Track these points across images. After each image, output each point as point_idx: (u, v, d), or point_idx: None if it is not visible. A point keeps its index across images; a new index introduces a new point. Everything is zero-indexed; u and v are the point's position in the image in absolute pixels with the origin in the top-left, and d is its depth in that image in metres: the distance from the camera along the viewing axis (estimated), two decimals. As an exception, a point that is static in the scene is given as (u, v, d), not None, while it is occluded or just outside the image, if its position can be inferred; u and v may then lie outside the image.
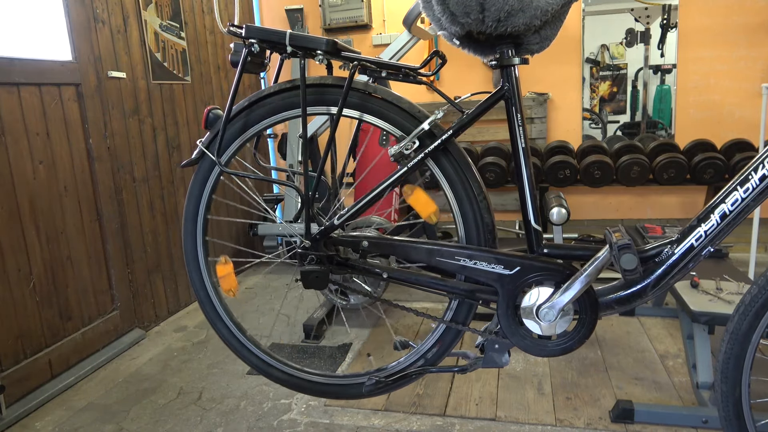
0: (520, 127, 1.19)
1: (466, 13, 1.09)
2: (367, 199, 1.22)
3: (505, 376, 2.38)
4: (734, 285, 2.23)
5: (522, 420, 2.06)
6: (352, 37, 4.49)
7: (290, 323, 3.01)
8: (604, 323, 2.87)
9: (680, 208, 4.18)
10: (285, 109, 1.26)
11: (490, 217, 1.21)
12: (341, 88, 1.19)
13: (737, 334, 1.22)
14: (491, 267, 1.15)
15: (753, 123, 3.85)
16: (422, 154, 1.17)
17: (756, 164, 1.08)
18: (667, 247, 1.14)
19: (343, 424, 2.08)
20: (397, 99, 1.21)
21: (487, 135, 4.34)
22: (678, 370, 2.37)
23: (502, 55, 1.18)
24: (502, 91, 1.19)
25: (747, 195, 1.07)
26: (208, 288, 1.40)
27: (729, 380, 1.25)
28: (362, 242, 1.21)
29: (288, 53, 1.19)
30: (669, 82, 4.12)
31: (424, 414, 2.13)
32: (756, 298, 1.19)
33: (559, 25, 1.18)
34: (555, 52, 4.14)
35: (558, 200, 2.52)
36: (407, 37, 2.85)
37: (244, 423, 2.13)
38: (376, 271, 1.21)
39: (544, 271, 1.16)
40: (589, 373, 2.37)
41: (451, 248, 1.18)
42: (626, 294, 1.16)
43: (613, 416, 2.03)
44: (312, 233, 1.23)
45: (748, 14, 3.85)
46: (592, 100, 4.28)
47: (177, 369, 2.59)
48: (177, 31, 3.37)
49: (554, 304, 1.14)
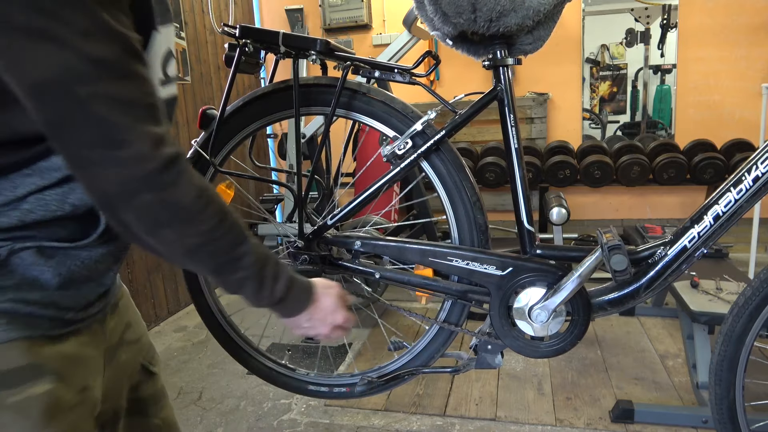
0: (513, 127, 1.18)
1: (458, 13, 1.08)
2: (360, 199, 1.22)
3: (505, 376, 2.38)
4: (734, 285, 2.22)
5: (522, 420, 2.06)
6: (352, 37, 4.49)
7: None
8: (604, 323, 2.86)
9: (680, 208, 4.16)
10: (279, 109, 1.26)
11: (483, 218, 1.21)
12: (335, 88, 1.19)
13: (731, 335, 1.21)
14: (484, 268, 1.15)
15: (753, 123, 3.83)
16: (415, 155, 1.17)
17: (749, 165, 1.07)
18: (660, 249, 1.13)
19: (343, 424, 2.09)
20: (390, 99, 1.21)
21: (486, 135, 4.33)
22: (678, 370, 2.36)
23: (495, 55, 1.17)
24: (495, 91, 1.19)
25: (740, 196, 1.07)
26: (205, 292, 1.40)
27: (723, 382, 1.25)
28: (355, 242, 1.22)
29: (281, 53, 1.19)
30: (669, 82, 4.11)
31: (424, 414, 2.13)
32: (750, 300, 1.19)
33: (552, 26, 1.18)
34: (555, 52, 4.14)
35: (558, 200, 2.51)
36: (407, 37, 2.85)
37: (244, 423, 2.13)
38: (368, 271, 1.22)
39: (536, 272, 1.15)
40: (589, 373, 2.37)
41: (443, 249, 1.17)
42: (619, 295, 1.16)
43: (613, 416, 2.03)
44: (305, 233, 1.23)
45: (748, 14, 3.83)
46: (592, 100, 4.28)
47: (177, 369, 2.60)
48: (177, 31, 3.38)
49: (546, 305, 1.13)
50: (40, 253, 0.70)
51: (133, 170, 0.64)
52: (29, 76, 0.59)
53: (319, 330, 0.94)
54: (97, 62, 0.60)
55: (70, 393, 0.75)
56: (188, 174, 0.69)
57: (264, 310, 0.86)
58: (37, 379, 0.71)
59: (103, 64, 0.61)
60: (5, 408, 0.69)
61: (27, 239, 0.69)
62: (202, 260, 0.75)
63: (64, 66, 0.59)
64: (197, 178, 0.71)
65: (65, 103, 0.60)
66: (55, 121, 0.62)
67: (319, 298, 0.92)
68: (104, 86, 0.61)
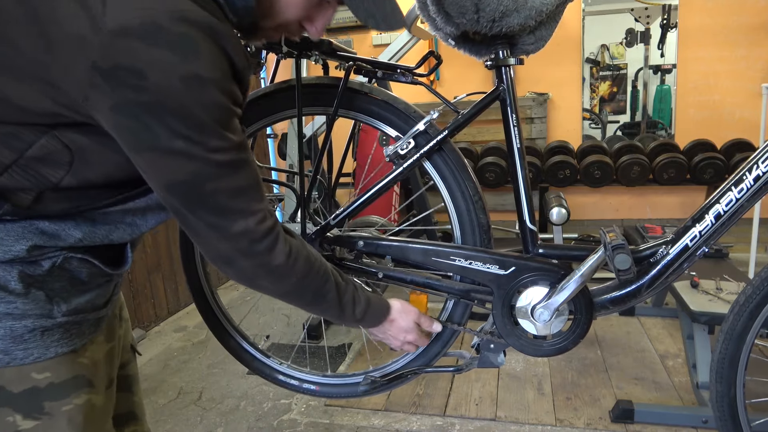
0: (516, 127, 1.19)
1: (461, 13, 1.09)
2: (362, 199, 1.22)
3: (505, 376, 2.39)
4: (734, 285, 2.22)
5: (522, 420, 2.06)
6: (353, 37, 4.49)
7: (290, 323, 3.01)
8: (604, 323, 2.86)
9: (680, 208, 4.17)
10: (281, 109, 1.26)
11: (485, 218, 1.21)
12: (338, 88, 1.19)
13: (732, 334, 1.22)
14: (486, 267, 1.15)
15: (753, 123, 3.84)
16: (418, 155, 1.18)
17: (750, 164, 1.07)
18: (661, 248, 1.14)
19: (343, 424, 2.09)
20: (392, 99, 1.21)
21: (487, 135, 4.34)
22: (678, 370, 2.36)
23: (497, 55, 1.17)
24: (497, 91, 1.19)
25: (741, 195, 1.07)
26: (205, 291, 1.40)
27: (724, 380, 1.25)
28: (358, 242, 1.22)
29: (283, 53, 1.19)
30: (669, 82, 4.12)
31: (424, 414, 2.13)
32: (750, 299, 1.19)
33: (554, 26, 1.18)
34: (555, 52, 4.14)
35: (558, 200, 2.52)
36: (407, 37, 2.85)
37: (244, 423, 2.13)
38: (371, 270, 1.22)
39: (539, 272, 1.16)
40: (589, 373, 2.37)
41: (446, 248, 1.18)
42: (621, 294, 1.16)
43: (613, 416, 2.03)
44: (308, 233, 1.24)
45: (748, 14, 3.84)
46: (592, 100, 4.28)
47: (177, 369, 2.60)
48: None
49: (549, 304, 1.14)
50: (85, 261, 0.83)
51: (240, 243, 0.82)
52: (165, 179, 0.75)
53: (392, 342, 1.16)
54: (220, 166, 0.75)
55: (100, 397, 0.89)
56: (281, 240, 0.86)
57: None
58: (78, 390, 0.84)
59: (225, 166, 0.76)
60: (60, 415, 0.82)
61: (77, 251, 0.82)
62: (293, 300, 0.96)
63: (195, 173, 0.74)
64: (289, 241, 0.88)
65: (193, 196, 0.76)
66: (182, 208, 0.78)
67: (395, 319, 1.12)
68: (225, 182, 0.77)
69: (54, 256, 0.80)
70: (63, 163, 0.75)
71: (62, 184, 0.76)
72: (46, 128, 0.73)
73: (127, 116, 0.69)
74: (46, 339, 0.80)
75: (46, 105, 0.70)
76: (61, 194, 0.78)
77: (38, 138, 0.72)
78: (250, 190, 0.80)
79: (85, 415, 0.84)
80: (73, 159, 0.75)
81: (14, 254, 0.76)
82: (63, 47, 0.67)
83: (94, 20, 0.65)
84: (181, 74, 0.68)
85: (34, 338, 0.79)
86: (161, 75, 0.67)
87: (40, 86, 0.69)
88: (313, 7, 0.86)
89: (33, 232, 0.77)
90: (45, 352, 0.80)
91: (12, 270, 0.77)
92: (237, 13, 0.80)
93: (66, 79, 0.68)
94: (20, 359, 0.78)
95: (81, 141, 0.74)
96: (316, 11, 0.88)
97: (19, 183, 0.74)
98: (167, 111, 0.69)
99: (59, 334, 0.81)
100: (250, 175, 0.80)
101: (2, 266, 0.77)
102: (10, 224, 0.76)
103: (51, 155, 0.74)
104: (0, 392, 0.79)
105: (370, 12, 0.85)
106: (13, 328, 0.77)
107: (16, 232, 0.76)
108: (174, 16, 0.67)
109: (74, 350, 0.84)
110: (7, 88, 0.69)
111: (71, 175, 0.76)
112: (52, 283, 0.80)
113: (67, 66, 0.67)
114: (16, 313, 0.77)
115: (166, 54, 0.67)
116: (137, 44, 0.66)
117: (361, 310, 1.04)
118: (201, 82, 0.70)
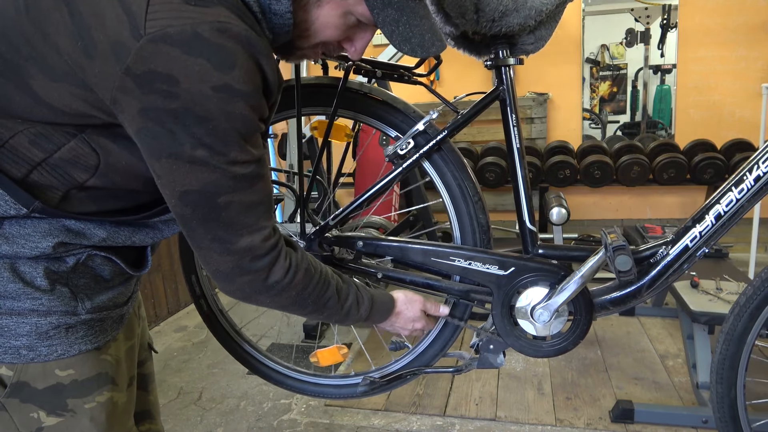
0: (515, 127, 1.18)
1: (460, 13, 1.08)
2: (362, 199, 1.22)
3: (505, 376, 2.38)
4: (734, 285, 2.22)
5: (522, 420, 2.06)
6: (353, 38, 4.48)
7: (290, 323, 3.01)
8: (604, 323, 2.86)
9: (680, 208, 4.17)
10: (280, 109, 1.25)
11: (485, 218, 1.21)
12: (337, 88, 1.19)
13: (732, 335, 1.22)
14: (486, 267, 1.15)
15: (753, 123, 3.84)
16: (417, 155, 1.17)
17: (751, 165, 1.07)
18: (662, 248, 1.14)
19: (343, 424, 2.09)
20: (392, 99, 1.21)
21: (487, 135, 4.33)
22: (678, 370, 2.36)
23: (497, 55, 1.17)
24: (497, 91, 1.18)
25: (742, 196, 1.07)
26: (205, 290, 1.40)
27: (724, 381, 1.25)
28: (357, 242, 1.21)
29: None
30: (669, 82, 4.12)
31: (424, 414, 2.13)
32: (751, 300, 1.19)
33: (554, 25, 1.18)
34: (555, 52, 4.14)
35: (558, 200, 2.52)
36: (407, 38, 2.84)
37: (244, 423, 2.13)
38: (370, 271, 1.21)
39: (538, 272, 1.15)
40: (589, 373, 2.37)
41: (446, 249, 1.17)
42: (621, 295, 1.16)
43: (613, 416, 2.03)
44: (307, 233, 1.23)
45: (748, 14, 3.84)
46: (592, 100, 4.28)
47: (177, 369, 2.60)
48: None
49: (549, 304, 1.13)
50: (108, 259, 0.85)
51: (242, 259, 0.81)
52: (181, 187, 0.74)
53: (401, 332, 1.18)
54: (237, 179, 0.75)
55: (122, 395, 0.89)
56: (282, 255, 0.86)
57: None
58: (101, 388, 0.85)
59: (242, 179, 0.76)
60: (83, 413, 0.83)
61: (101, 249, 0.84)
62: (293, 312, 0.96)
63: (211, 183, 0.74)
64: (289, 255, 0.87)
65: (205, 207, 0.76)
66: (192, 218, 0.77)
67: (402, 311, 1.13)
68: (239, 196, 0.77)
69: (78, 253, 0.81)
70: (90, 166, 0.76)
71: (87, 184, 0.77)
72: (75, 131, 0.74)
73: (153, 121, 0.69)
74: (71, 336, 0.81)
75: (77, 106, 0.71)
76: (88, 194, 0.79)
77: (68, 140, 0.74)
78: (262, 206, 0.80)
79: (108, 412, 0.85)
80: (100, 162, 0.76)
81: (41, 251, 0.77)
82: (103, 50, 0.67)
83: (136, 25, 0.66)
84: (213, 84, 0.68)
85: (59, 335, 0.80)
86: (194, 83, 0.67)
87: (73, 87, 0.70)
88: (350, 28, 0.85)
89: (59, 229, 0.78)
90: (69, 349, 0.81)
91: (38, 266, 0.78)
92: (273, 30, 0.80)
93: (99, 81, 0.69)
94: (44, 356, 0.79)
95: (109, 146, 0.75)
96: (355, 33, 0.87)
97: (48, 181, 0.76)
98: (194, 119, 0.69)
99: (83, 332, 0.82)
100: (264, 191, 0.80)
101: (29, 262, 0.78)
102: (38, 221, 0.77)
103: (79, 158, 0.75)
104: (24, 388, 0.79)
105: (405, 37, 0.83)
106: (39, 324, 0.78)
107: (44, 229, 0.77)
108: (215, 26, 0.68)
109: (97, 348, 0.85)
110: (40, 87, 0.70)
111: (96, 177, 0.77)
112: (76, 279, 0.82)
113: (102, 68, 0.68)
114: (41, 310, 0.78)
115: (202, 63, 0.67)
116: (175, 52, 0.66)
117: (365, 310, 1.05)
118: (232, 94, 0.70)
